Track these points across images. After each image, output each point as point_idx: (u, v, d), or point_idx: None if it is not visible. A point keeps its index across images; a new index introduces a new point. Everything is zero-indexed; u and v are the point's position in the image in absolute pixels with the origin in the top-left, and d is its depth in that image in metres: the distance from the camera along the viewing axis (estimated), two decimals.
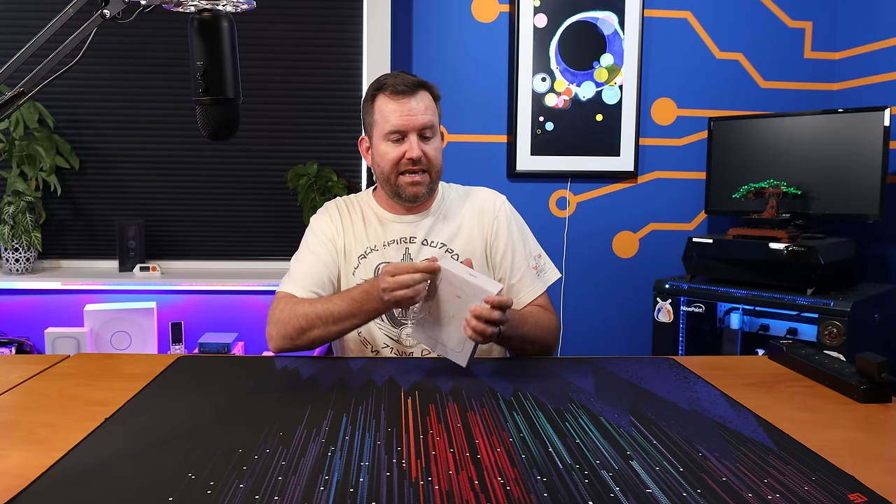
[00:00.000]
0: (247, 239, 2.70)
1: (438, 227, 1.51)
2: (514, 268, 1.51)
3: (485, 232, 1.52)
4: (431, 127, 1.45)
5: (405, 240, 1.50)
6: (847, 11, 2.71)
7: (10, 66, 0.83)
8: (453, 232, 1.51)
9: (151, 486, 0.78)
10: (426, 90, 1.47)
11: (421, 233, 1.50)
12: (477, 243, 1.51)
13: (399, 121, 1.43)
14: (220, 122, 0.95)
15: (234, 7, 0.94)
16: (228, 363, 1.31)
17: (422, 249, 1.49)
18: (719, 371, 1.26)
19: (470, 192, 1.59)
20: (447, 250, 1.49)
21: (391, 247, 1.50)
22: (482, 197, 1.57)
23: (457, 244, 1.50)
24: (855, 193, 2.29)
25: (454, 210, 1.55)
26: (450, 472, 0.82)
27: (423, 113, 1.43)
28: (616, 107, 2.70)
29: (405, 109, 1.43)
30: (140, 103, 2.59)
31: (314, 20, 2.61)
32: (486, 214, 1.53)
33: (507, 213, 1.54)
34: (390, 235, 1.50)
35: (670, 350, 2.41)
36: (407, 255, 1.49)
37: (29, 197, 2.45)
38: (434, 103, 1.48)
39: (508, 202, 1.58)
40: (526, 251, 1.53)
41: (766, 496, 0.77)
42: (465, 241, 1.51)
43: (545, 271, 1.55)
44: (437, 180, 1.51)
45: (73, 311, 2.51)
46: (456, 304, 1.21)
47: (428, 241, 1.50)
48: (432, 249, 1.49)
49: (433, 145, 1.46)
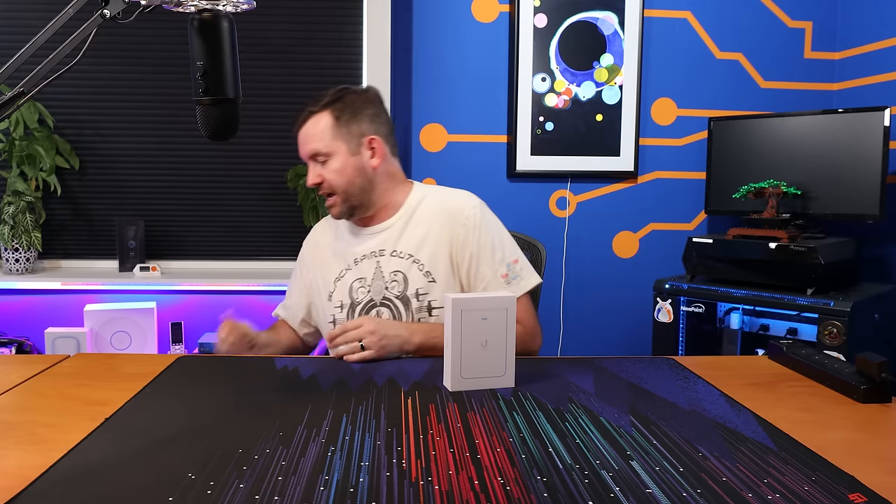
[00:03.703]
0: (247, 239, 2.70)
1: (406, 236, 1.49)
2: (478, 277, 1.47)
3: (452, 240, 1.47)
4: (319, 153, 1.45)
5: (375, 253, 1.50)
6: (847, 11, 2.71)
7: (10, 66, 0.83)
8: (420, 240, 1.48)
9: (151, 486, 0.78)
10: (321, 111, 1.46)
11: (389, 244, 1.49)
12: (443, 253, 1.47)
13: (300, 150, 1.49)
14: (220, 122, 0.95)
15: (234, 7, 0.94)
16: (228, 363, 1.31)
17: (390, 261, 1.48)
18: (719, 371, 1.26)
19: (444, 196, 1.55)
20: (414, 261, 1.47)
21: (364, 262, 1.50)
22: (454, 203, 1.51)
23: (423, 254, 1.47)
24: (855, 193, 2.29)
25: (426, 216, 1.50)
26: (450, 472, 0.82)
27: (308, 142, 1.46)
28: (616, 107, 2.70)
29: (300, 140, 1.48)
30: (140, 103, 2.59)
31: (314, 20, 2.61)
32: (455, 221, 1.48)
33: (477, 220, 1.48)
34: (361, 251, 1.51)
35: (670, 350, 2.41)
36: (378, 268, 1.48)
37: (29, 197, 2.45)
38: (331, 121, 1.45)
39: (482, 207, 1.52)
40: (495, 259, 1.47)
41: (766, 496, 0.77)
42: (431, 249, 1.47)
43: (520, 278, 1.48)
44: (358, 195, 1.47)
45: (73, 311, 2.52)
46: (485, 328, 1.16)
47: (396, 251, 1.49)
48: (400, 260, 1.48)
49: (331, 167, 1.45)
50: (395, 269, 1.47)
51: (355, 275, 1.50)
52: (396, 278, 1.46)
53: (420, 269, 1.46)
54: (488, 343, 1.16)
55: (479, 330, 1.15)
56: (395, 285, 1.46)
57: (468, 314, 1.15)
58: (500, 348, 1.16)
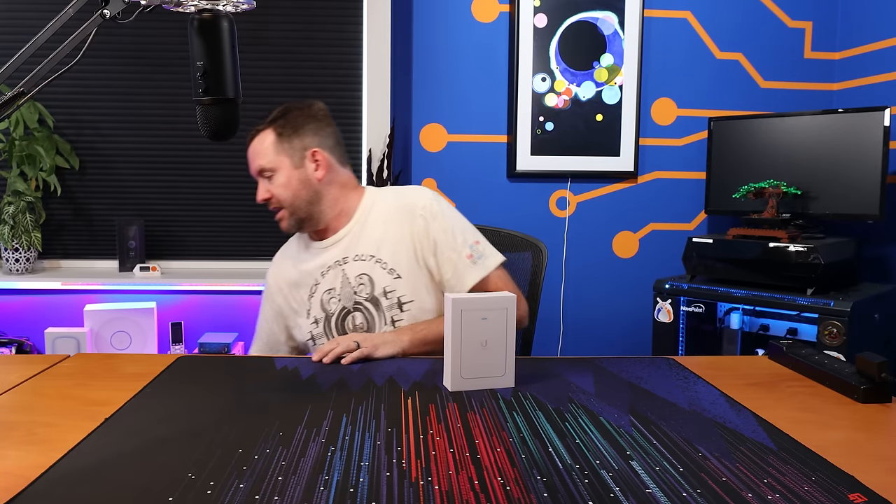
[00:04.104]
0: (247, 239, 2.70)
1: (363, 239, 1.51)
2: (444, 264, 1.48)
3: (412, 234, 1.49)
4: (265, 169, 1.50)
5: (338, 262, 1.52)
6: (847, 11, 2.71)
7: (10, 66, 0.83)
8: (379, 240, 1.50)
9: (151, 486, 0.78)
10: (265, 129, 1.52)
11: (350, 250, 1.51)
12: (404, 248, 1.49)
13: (249, 168, 1.54)
14: (220, 122, 0.95)
15: (234, 7, 0.94)
16: (228, 363, 1.31)
17: (354, 265, 1.50)
18: (719, 371, 1.26)
19: (395, 194, 1.57)
20: (376, 260, 1.49)
21: (329, 273, 1.52)
22: (407, 198, 1.54)
23: (384, 252, 1.49)
24: (855, 193, 2.29)
25: (381, 217, 1.53)
26: (450, 472, 0.82)
27: (255, 158, 1.51)
28: (616, 107, 2.70)
29: (248, 157, 1.53)
30: (140, 103, 2.59)
31: (314, 20, 2.61)
32: (412, 215, 1.50)
33: (434, 210, 1.51)
34: (324, 263, 1.53)
35: (670, 350, 2.41)
36: (344, 276, 1.50)
37: (29, 197, 2.45)
38: (273, 138, 1.51)
39: (435, 197, 1.54)
40: (458, 242, 1.49)
41: (766, 496, 0.77)
42: (392, 247, 1.49)
43: (485, 256, 1.50)
44: (305, 208, 1.51)
45: (73, 311, 2.51)
46: (484, 328, 1.16)
47: (358, 255, 1.51)
48: (363, 263, 1.49)
49: (277, 182, 1.50)
50: (360, 272, 1.50)
51: (324, 287, 1.52)
52: (363, 280, 1.49)
53: (383, 267, 1.49)
54: (488, 343, 1.16)
55: (479, 330, 1.15)
56: (362, 288, 1.49)
57: (468, 314, 1.15)
58: (500, 348, 1.16)
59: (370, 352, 1.32)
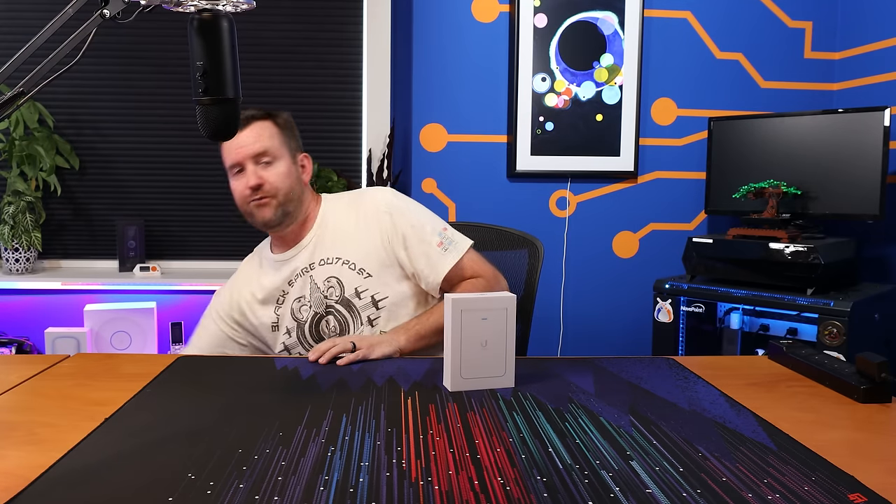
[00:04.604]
0: (247, 239, 2.67)
1: (326, 242, 1.51)
2: (416, 256, 1.49)
3: (379, 231, 1.50)
4: (265, 153, 1.47)
5: (305, 269, 1.51)
6: (847, 11, 2.71)
7: (10, 66, 0.83)
8: (343, 242, 1.51)
9: (151, 486, 0.78)
10: (262, 120, 1.49)
11: (316, 255, 1.51)
12: (371, 246, 1.50)
13: (233, 155, 1.47)
14: (220, 122, 0.95)
15: (234, 7, 0.94)
16: (228, 363, 1.31)
17: (321, 270, 1.50)
18: (719, 371, 1.26)
19: (357, 196, 1.59)
20: (343, 262, 1.49)
21: (297, 283, 1.51)
22: (367, 199, 1.55)
23: (350, 253, 1.49)
24: (855, 193, 2.29)
25: (338, 219, 1.54)
26: (450, 472, 0.82)
27: (252, 142, 1.46)
28: (616, 107, 2.70)
29: (235, 144, 1.46)
30: (140, 103, 2.59)
31: (314, 20, 2.61)
32: (377, 212, 1.51)
33: (397, 205, 1.52)
34: (290, 273, 1.52)
35: (670, 350, 2.41)
36: (312, 282, 1.49)
37: (29, 197, 2.45)
38: (275, 130, 1.50)
39: (393, 192, 1.56)
40: (426, 232, 1.50)
41: (766, 496, 0.77)
42: (357, 248, 1.50)
43: (455, 242, 1.51)
44: (292, 203, 1.49)
45: (73, 311, 2.51)
46: (484, 328, 1.16)
47: (324, 259, 1.50)
48: (330, 266, 1.49)
49: (275, 170, 1.47)
50: (328, 275, 1.49)
51: (293, 297, 1.52)
52: (331, 284, 1.49)
53: (352, 268, 1.48)
54: (488, 343, 1.16)
55: (478, 330, 1.15)
56: (332, 291, 1.49)
57: (468, 314, 1.15)
58: (499, 348, 1.16)
59: (366, 353, 1.32)
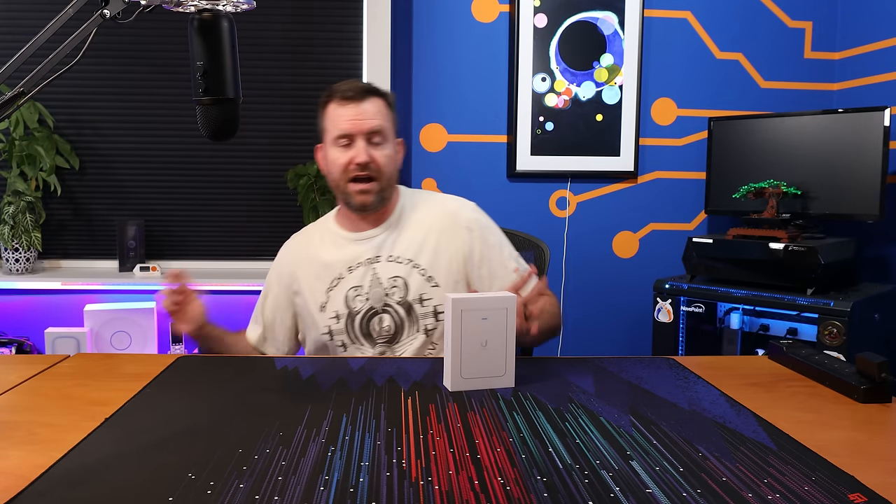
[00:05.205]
0: (247, 239, 2.70)
1: (401, 241, 1.48)
2: (493, 276, 1.48)
3: (456, 245, 1.48)
4: (380, 132, 1.43)
5: (370, 260, 1.47)
6: (847, 11, 2.71)
7: (10, 66, 0.83)
8: (418, 246, 1.47)
9: (151, 486, 0.78)
10: (378, 96, 1.46)
11: (385, 249, 1.48)
12: (444, 257, 1.47)
13: (346, 125, 1.42)
14: (221, 123, 0.95)
15: (234, 7, 0.94)
16: (228, 363, 1.31)
17: (387, 266, 1.46)
18: (719, 371, 1.26)
19: (436, 200, 1.55)
20: (414, 265, 1.46)
21: (358, 270, 1.47)
22: (450, 207, 1.52)
23: (423, 259, 1.46)
24: (855, 193, 2.29)
25: (417, 220, 1.50)
26: (450, 472, 0.82)
27: (371, 118, 1.42)
28: (616, 107, 2.70)
29: (352, 114, 1.42)
30: (140, 103, 2.59)
31: (314, 20, 2.61)
32: (456, 226, 1.49)
33: (480, 222, 1.51)
34: (353, 258, 1.48)
35: (670, 350, 2.41)
36: (374, 275, 1.46)
37: (29, 197, 2.45)
38: (387, 110, 1.47)
39: (474, 208, 1.54)
40: (504, 255, 1.50)
41: (766, 496, 0.77)
42: (431, 255, 1.47)
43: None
44: (389, 189, 1.47)
45: (73, 311, 2.51)
46: (485, 328, 1.16)
47: (393, 256, 1.47)
48: (398, 265, 1.46)
49: (383, 152, 1.44)
50: (394, 274, 1.46)
51: (349, 283, 1.47)
52: (396, 283, 1.45)
53: (422, 273, 1.45)
54: (488, 343, 1.16)
55: (479, 330, 1.15)
56: (395, 291, 1.45)
57: (468, 314, 1.15)
58: (500, 348, 1.16)
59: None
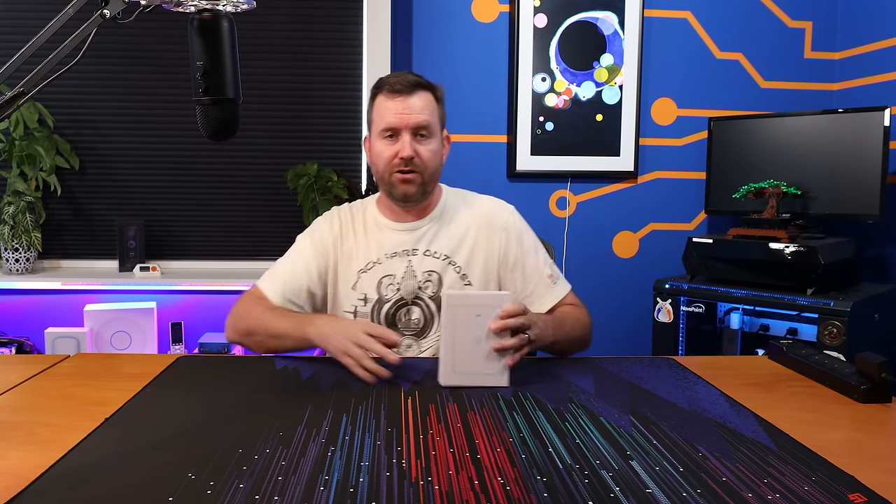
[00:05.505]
0: (247, 239, 2.70)
1: (441, 237, 1.48)
2: (526, 280, 1.48)
3: (492, 246, 1.48)
4: (426, 127, 1.42)
5: (407, 252, 1.47)
6: (847, 11, 2.71)
7: (10, 66, 0.83)
8: (456, 243, 1.48)
9: (151, 486, 0.78)
10: (427, 90, 1.45)
11: (423, 243, 1.48)
12: (480, 257, 1.48)
13: (392, 118, 1.41)
14: (221, 123, 0.95)
15: (234, 7, 0.94)
16: (228, 363, 1.31)
17: (424, 260, 1.46)
18: (719, 371, 1.26)
19: (476, 200, 1.55)
20: (450, 262, 1.46)
21: (394, 259, 1.47)
22: (489, 208, 1.53)
23: (459, 257, 1.47)
24: (855, 193, 2.29)
25: (458, 219, 1.51)
26: (450, 472, 0.82)
27: (418, 112, 1.41)
28: (616, 107, 2.70)
29: (399, 108, 1.41)
30: (140, 103, 2.59)
31: (314, 20, 2.61)
32: (493, 227, 1.49)
33: (517, 226, 1.51)
34: (392, 247, 1.47)
35: (670, 350, 2.41)
36: (409, 267, 1.46)
37: (29, 197, 2.45)
38: (435, 104, 1.46)
39: (512, 211, 1.54)
40: (539, 261, 1.50)
41: (766, 496, 0.77)
42: (468, 254, 1.47)
43: (560, 277, 1.53)
44: (432, 183, 1.47)
45: (73, 311, 2.52)
46: (478, 325, 1.16)
47: (431, 251, 1.47)
48: (435, 260, 1.46)
49: (428, 146, 1.43)
50: (430, 269, 1.46)
51: (384, 271, 1.46)
52: (431, 278, 1.45)
53: (457, 271, 1.46)
54: (482, 340, 1.16)
55: (472, 326, 1.16)
56: (429, 285, 1.45)
57: (462, 310, 1.16)
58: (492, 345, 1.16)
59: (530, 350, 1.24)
